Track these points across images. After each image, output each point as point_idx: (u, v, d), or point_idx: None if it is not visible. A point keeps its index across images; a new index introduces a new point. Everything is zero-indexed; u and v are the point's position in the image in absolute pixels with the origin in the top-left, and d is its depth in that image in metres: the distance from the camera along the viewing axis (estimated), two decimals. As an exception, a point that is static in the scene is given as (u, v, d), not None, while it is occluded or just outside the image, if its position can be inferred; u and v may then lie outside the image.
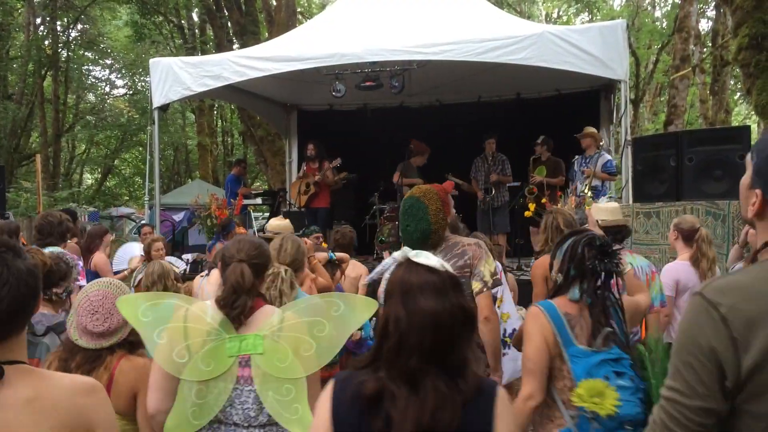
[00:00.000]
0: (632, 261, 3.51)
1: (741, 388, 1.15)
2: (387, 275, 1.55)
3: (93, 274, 5.13)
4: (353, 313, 2.17)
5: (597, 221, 3.58)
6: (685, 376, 1.19)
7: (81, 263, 4.22)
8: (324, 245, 5.56)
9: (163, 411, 2.04)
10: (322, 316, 2.14)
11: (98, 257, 5.33)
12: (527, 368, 2.16)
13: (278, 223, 3.76)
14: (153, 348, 2.08)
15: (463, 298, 1.47)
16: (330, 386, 1.47)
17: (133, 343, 2.26)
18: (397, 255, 1.55)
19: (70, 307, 3.47)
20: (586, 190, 6.24)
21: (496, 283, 2.99)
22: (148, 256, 5.48)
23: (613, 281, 2.19)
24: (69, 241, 4.80)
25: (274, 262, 2.90)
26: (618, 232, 3.54)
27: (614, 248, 2.22)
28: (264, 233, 3.68)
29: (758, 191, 1.30)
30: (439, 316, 1.39)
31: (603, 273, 2.16)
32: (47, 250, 3.92)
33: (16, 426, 1.23)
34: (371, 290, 3.12)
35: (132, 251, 6.24)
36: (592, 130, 7.06)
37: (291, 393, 2.01)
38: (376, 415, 1.37)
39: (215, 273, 4.20)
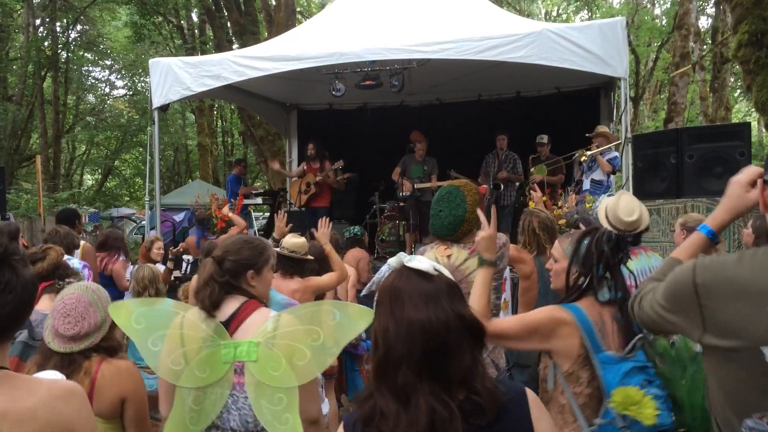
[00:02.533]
0: (648, 262, 3.21)
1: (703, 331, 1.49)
2: None
3: (107, 279, 5.17)
4: (349, 322, 2.08)
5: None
6: (670, 305, 1.56)
7: (89, 269, 4.18)
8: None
9: None
10: (317, 325, 2.07)
11: (119, 265, 5.42)
12: (521, 320, 2.10)
13: (295, 241, 3.81)
14: (147, 355, 2.06)
15: (461, 304, 1.38)
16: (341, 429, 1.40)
17: (109, 349, 2.21)
18: (392, 261, 1.45)
19: None
20: (587, 153, 6.41)
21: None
22: (146, 258, 5.52)
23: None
24: (84, 242, 5.03)
25: None
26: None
27: (628, 239, 2.13)
28: (282, 250, 3.66)
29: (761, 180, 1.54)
30: (428, 325, 1.30)
31: (624, 267, 2.06)
32: None
33: None
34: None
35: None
36: (604, 129, 6.97)
37: (282, 402, 1.97)
38: None
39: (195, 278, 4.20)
